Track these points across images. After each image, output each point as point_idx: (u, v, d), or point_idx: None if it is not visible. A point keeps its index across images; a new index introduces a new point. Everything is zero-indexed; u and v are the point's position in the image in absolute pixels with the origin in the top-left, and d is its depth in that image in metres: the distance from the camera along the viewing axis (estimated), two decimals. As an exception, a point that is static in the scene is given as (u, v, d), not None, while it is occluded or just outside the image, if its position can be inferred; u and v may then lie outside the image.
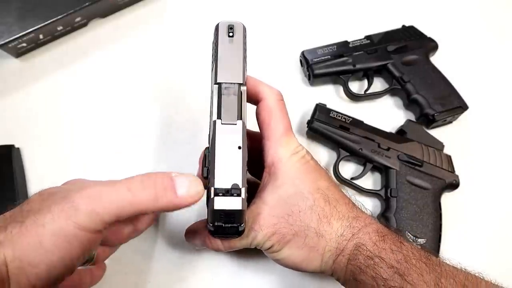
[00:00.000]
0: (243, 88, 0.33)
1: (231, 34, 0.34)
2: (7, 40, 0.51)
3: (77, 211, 0.27)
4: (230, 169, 0.30)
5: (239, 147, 0.31)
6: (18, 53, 0.55)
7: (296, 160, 0.36)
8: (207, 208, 0.31)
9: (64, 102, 0.54)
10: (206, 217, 0.34)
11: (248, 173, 0.42)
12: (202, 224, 0.38)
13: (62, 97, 0.54)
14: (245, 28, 0.35)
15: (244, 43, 0.35)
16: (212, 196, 0.29)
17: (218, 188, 0.29)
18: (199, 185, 0.30)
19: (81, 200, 0.27)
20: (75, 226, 0.26)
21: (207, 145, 0.34)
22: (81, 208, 0.27)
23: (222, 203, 0.29)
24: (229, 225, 0.31)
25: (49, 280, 0.27)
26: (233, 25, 0.34)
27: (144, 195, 0.28)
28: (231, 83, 0.33)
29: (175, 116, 0.53)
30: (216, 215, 0.30)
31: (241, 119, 0.32)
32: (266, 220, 0.34)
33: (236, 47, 0.34)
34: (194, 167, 0.42)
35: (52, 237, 0.26)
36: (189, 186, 0.29)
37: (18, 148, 0.49)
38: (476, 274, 0.33)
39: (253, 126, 0.39)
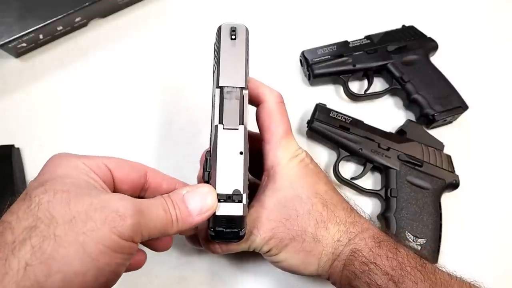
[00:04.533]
0: (245, 92, 0.33)
1: (233, 36, 0.34)
2: (7, 40, 0.51)
3: (123, 221, 0.25)
4: (232, 175, 0.30)
5: (241, 153, 0.30)
6: (18, 53, 0.55)
7: (295, 163, 0.36)
8: None
9: (64, 102, 0.54)
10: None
11: (248, 174, 0.41)
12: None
13: (62, 97, 0.54)
14: (247, 31, 0.35)
15: (247, 46, 0.34)
16: None
17: (219, 194, 0.29)
18: (210, 197, 0.29)
19: (127, 212, 0.26)
20: (119, 236, 0.25)
21: (207, 146, 0.34)
22: (127, 219, 0.26)
23: (223, 209, 0.29)
24: (230, 230, 0.31)
25: None
26: (235, 28, 0.34)
27: (172, 217, 0.29)
28: (233, 87, 0.32)
29: (175, 117, 0.53)
30: (218, 220, 0.30)
31: (242, 123, 0.31)
32: (264, 224, 0.34)
33: (238, 50, 0.33)
34: (194, 167, 0.42)
35: (97, 245, 0.25)
36: (201, 203, 0.29)
37: (18, 148, 0.49)
38: (471, 282, 0.33)
39: (254, 127, 0.39)
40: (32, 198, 0.25)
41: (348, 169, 0.52)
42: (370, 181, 0.51)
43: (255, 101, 0.37)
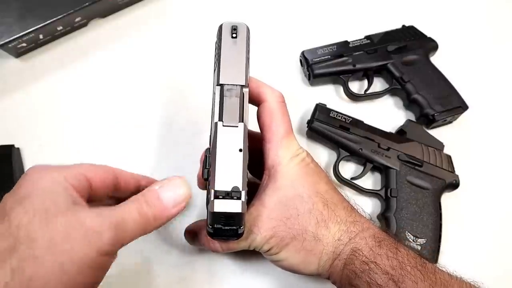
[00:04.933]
0: (245, 90, 0.33)
1: (234, 35, 0.34)
2: (7, 40, 0.51)
3: (101, 239, 0.26)
4: (231, 172, 0.30)
5: (240, 150, 0.30)
6: (18, 53, 0.55)
7: (296, 163, 0.36)
8: (207, 210, 0.31)
9: (64, 102, 0.54)
10: (205, 217, 0.34)
11: (248, 173, 0.42)
12: (201, 224, 0.38)
13: (62, 97, 0.54)
14: (248, 29, 0.35)
15: (248, 45, 0.34)
16: (212, 198, 0.29)
17: (218, 191, 0.29)
18: (183, 187, 0.31)
19: (103, 227, 0.27)
20: (98, 252, 0.26)
21: (208, 145, 0.34)
22: (105, 236, 0.26)
23: (222, 206, 0.29)
24: (228, 227, 0.31)
25: None
26: (236, 26, 0.34)
27: (149, 216, 0.30)
28: (234, 84, 0.32)
29: (175, 117, 0.53)
30: (216, 217, 0.30)
31: (242, 121, 0.31)
32: (265, 223, 0.34)
33: (239, 48, 0.34)
34: (194, 166, 0.42)
35: (76, 263, 0.25)
36: (175, 195, 0.31)
37: (18, 148, 0.49)
38: (471, 283, 0.33)
39: (255, 127, 0.39)
40: (11, 219, 0.26)
41: (348, 169, 0.52)
42: (370, 181, 0.51)
43: (256, 101, 0.37)
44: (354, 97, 0.55)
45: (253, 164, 0.38)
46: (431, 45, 0.57)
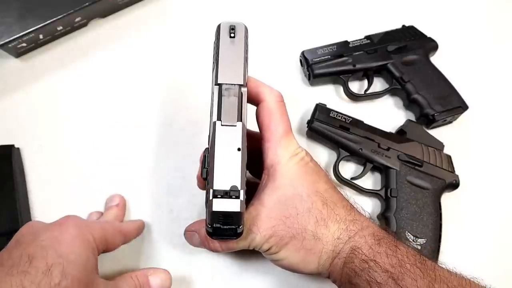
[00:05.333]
0: (244, 90, 0.33)
1: (232, 34, 0.34)
2: (7, 40, 0.51)
3: None
4: (229, 171, 0.30)
5: (239, 149, 0.30)
6: (18, 53, 0.55)
7: (295, 162, 0.36)
8: (206, 209, 0.31)
9: (64, 102, 0.54)
10: (205, 217, 0.34)
11: (248, 172, 0.42)
12: (201, 224, 0.39)
13: (62, 97, 0.54)
14: (246, 29, 0.35)
15: (246, 44, 0.34)
16: (210, 198, 0.29)
17: (217, 190, 0.29)
18: (166, 280, 0.39)
19: None
20: None
21: (207, 146, 0.34)
22: None
23: (220, 205, 0.29)
24: (227, 226, 0.31)
25: None
26: (234, 26, 0.34)
27: None
28: (232, 84, 0.33)
29: (175, 117, 0.53)
30: (215, 216, 0.30)
31: (241, 120, 0.32)
32: (264, 222, 0.34)
33: (237, 48, 0.34)
34: (194, 166, 0.42)
35: None
36: (162, 284, 0.39)
37: (18, 148, 0.49)
38: (471, 279, 0.33)
39: (253, 126, 0.39)
40: (53, 276, 0.30)
41: (348, 169, 0.52)
42: (370, 181, 0.51)
43: (255, 100, 0.37)
44: (354, 97, 0.55)
45: (252, 164, 0.38)
46: (431, 45, 0.57)
